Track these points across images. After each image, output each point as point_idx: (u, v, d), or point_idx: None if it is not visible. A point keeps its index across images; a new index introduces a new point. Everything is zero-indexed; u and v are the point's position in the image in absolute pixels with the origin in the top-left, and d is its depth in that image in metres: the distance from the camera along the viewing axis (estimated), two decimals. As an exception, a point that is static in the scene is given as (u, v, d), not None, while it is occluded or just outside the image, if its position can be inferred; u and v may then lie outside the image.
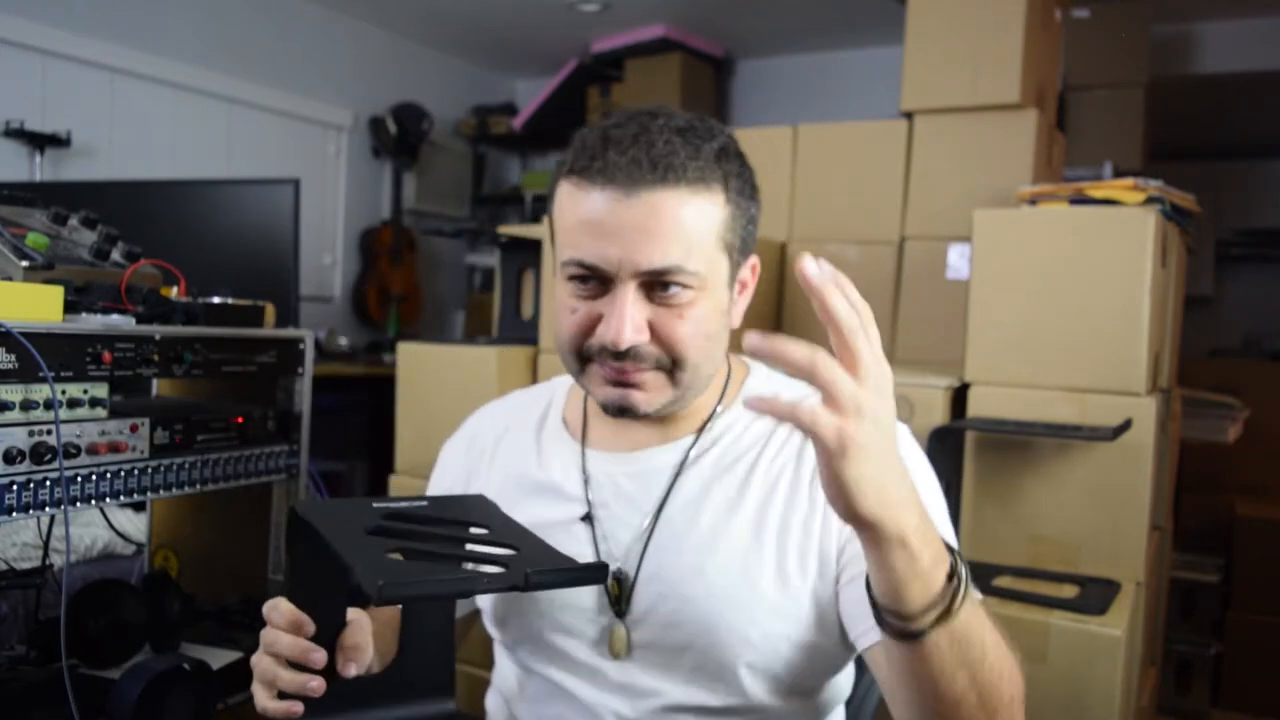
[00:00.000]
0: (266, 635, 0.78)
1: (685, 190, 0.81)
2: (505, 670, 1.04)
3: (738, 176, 0.86)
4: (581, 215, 0.83)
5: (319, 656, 0.76)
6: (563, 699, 0.94)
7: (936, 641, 0.67)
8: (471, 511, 0.86)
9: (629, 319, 0.82)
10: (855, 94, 4.18)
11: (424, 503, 0.85)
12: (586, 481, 0.96)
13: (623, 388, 0.87)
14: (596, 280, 0.84)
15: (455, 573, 0.71)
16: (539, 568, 0.71)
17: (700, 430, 0.95)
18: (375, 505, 0.81)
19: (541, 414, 1.05)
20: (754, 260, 0.93)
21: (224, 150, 3.84)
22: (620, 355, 0.84)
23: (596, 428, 1.00)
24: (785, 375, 1.01)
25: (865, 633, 0.83)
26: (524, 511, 0.95)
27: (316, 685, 0.76)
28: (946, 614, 0.66)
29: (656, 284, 0.83)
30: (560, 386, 1.09)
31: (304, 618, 0.78)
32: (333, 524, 0.76)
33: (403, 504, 0.83)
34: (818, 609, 0.88)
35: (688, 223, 0.81)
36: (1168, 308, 1.93)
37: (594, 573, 0.76)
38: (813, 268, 0.58)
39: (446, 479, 1.11)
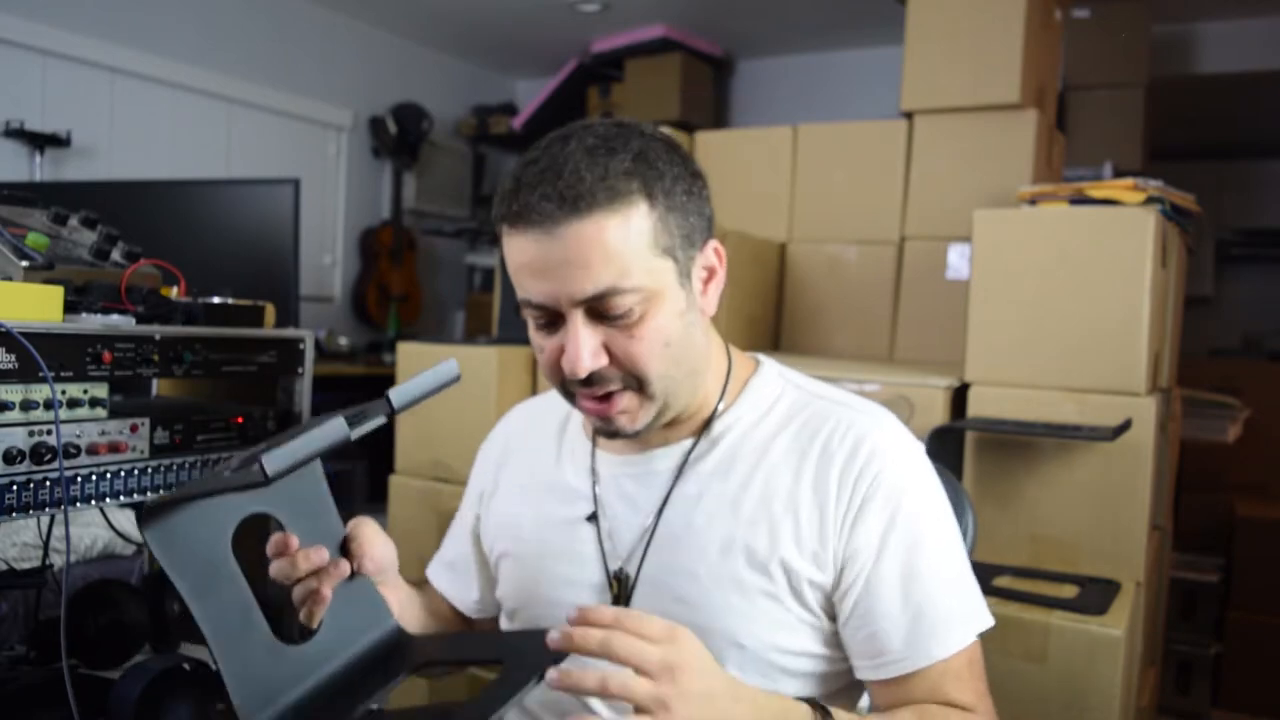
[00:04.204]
0: (276, 572, 0.83)
1: (600, 214, 0.81)
2: None
3: (662, 177, 0.84)
4: (518, 259, 0.85)
5: (318, 555, 0.82)
6: (563, 695, 0.94)
7: None
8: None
9: (583, 347, 0.83)
10: (855, 94, 4.18)
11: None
12: (595, 481, 0.98)
13: (604, 417, 0.89)
14: (549, 318, 0.86)
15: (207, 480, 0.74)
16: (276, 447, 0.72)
17: (700, 432, 0.95)
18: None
19: (566, 415, 1.06)
20: (714, 244, 0.91)
21: (224, 150, 3.84)
22: (587, 383, 0.86)
23: None
24: (798, 374, 1.00)
25: (861, 669, 0.89)
26: (539, 509, 1.00)
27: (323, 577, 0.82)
28: None
29: (601, 308, 0.83)
30: None
31: (288, 539, 0.83)
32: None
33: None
34: (814, 619, 0.89)
35: (613, 244, 0.81)
36: (1168, 308, 1.93)
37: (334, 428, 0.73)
38: (554, 635, 0.70)
39: (480, 481, 1.13)
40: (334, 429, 0.71)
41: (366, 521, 0.90)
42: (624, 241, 0.82)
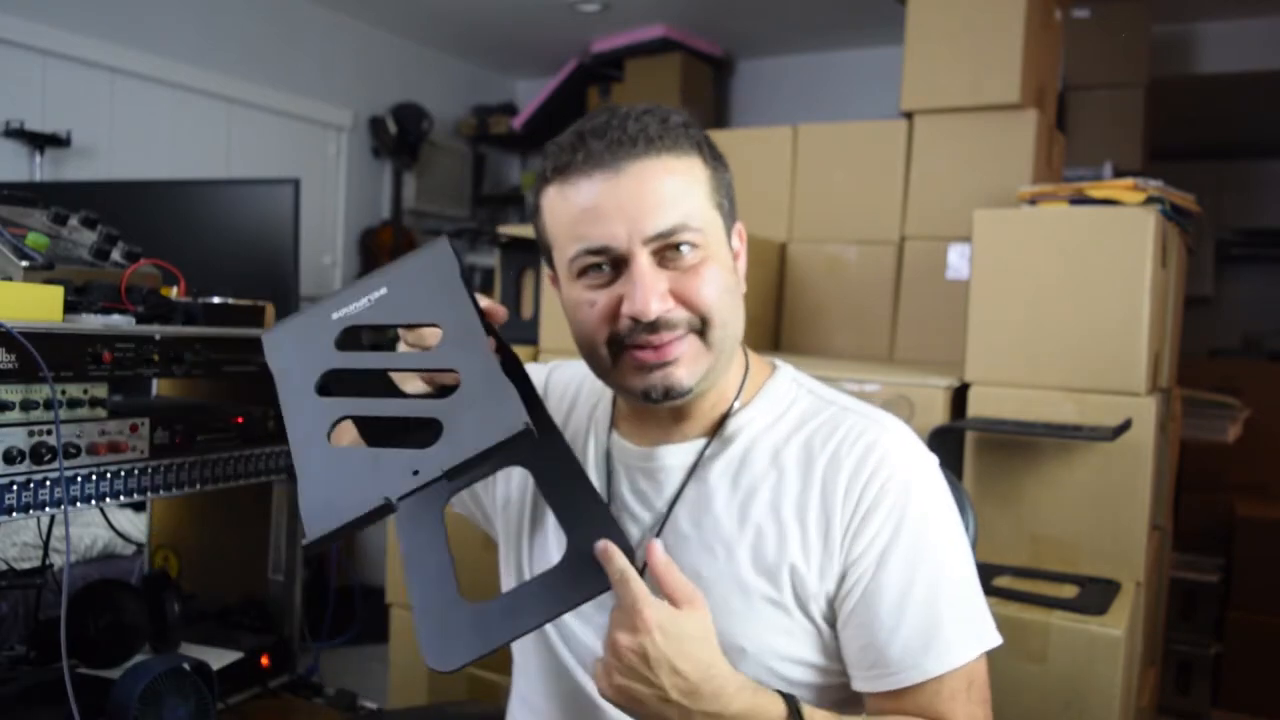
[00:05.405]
0: None
1: (668, 156, 0.85)
2: (522, 663, 1.06)
3: (708, 144, 0.90)
4: (578, 207, 0.85)
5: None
6: (570, 681, 0.96)
7: None
8: (432, 296, 0.86)
9: (651, 287, 0.83)
10: (855, 94, 4.18)
11: (383, 290, 0.85)
12: (610, 472, 0.98)
13: (661, 369, 0.86)
14: (609, 265, 0.86)
15: (374, 491, 0.71)
16: (456, 460, 0.70)
17: (714, 431, 0.94)
18: (334, 317, 0.84)
19: (600, 393, 1.05)
20: (739, 226, 0.95)
21: (224, 150, 3.84)
22: (652, 328, 0.84)
23: (623, 420, 1.00)
24: (813, 380, 0.99)
25: (856, 679, 0.88)
26: None
27: None
28: None
29: (667, 249, 0.84)
30: None
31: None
32: (290, 382, 0.81)
33: (360, 307, 0.84)
34: (816, 630, 0.88)
35: (678, 185, 0.85)
36: (1168, 308, 1.93)
37: (517, 441, 0.70)
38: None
39: None
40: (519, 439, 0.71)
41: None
42: (689, 184, 0.86)
